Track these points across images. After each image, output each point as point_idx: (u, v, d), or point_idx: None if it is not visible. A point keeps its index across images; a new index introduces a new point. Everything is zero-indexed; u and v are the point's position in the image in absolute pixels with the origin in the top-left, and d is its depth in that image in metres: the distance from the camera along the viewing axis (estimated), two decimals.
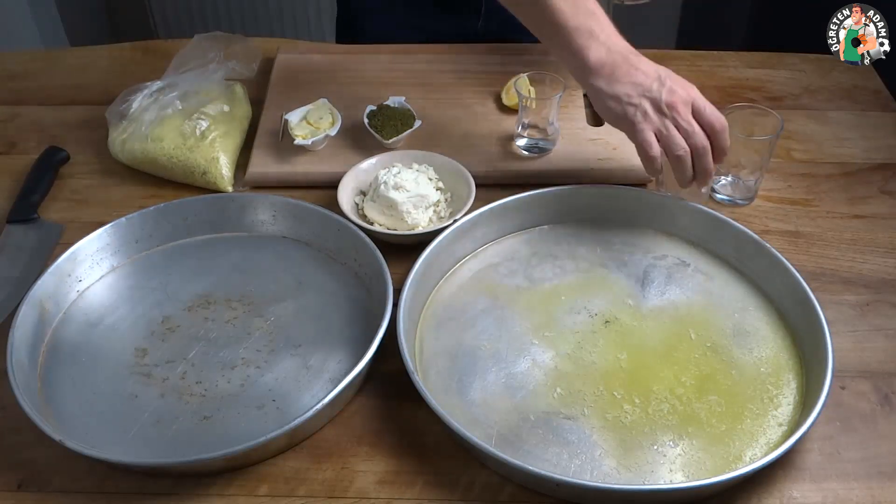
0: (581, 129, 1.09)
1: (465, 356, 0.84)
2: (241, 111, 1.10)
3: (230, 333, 0.86)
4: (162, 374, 0.82)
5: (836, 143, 1.10)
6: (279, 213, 0.96)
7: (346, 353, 0.84)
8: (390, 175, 0.95)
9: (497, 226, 0.95)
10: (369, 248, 0.89)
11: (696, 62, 1.24)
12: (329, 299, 0.89)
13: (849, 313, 0.89)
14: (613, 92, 0.89)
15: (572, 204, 0.97)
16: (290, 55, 1.22)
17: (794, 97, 1.18)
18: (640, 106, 0.88)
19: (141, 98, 1.05)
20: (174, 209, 0.96)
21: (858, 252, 0.95)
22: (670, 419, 0.77)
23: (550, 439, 0.76)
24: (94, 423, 0.78)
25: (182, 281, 0.92)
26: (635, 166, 1.03)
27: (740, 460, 0.75)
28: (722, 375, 0.81)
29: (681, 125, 0.88)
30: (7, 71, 1.25)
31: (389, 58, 1.21)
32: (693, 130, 0.88)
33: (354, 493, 0.74)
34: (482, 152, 1.05)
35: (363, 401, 0.81)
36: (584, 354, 0.83)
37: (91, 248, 0.92)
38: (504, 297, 0.89)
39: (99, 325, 0.87)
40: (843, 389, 0.81)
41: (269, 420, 0.78)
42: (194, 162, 1.02)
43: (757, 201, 1.02)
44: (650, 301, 0.88)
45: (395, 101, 1.07)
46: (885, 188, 1.04)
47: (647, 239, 0.95)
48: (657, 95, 0.88)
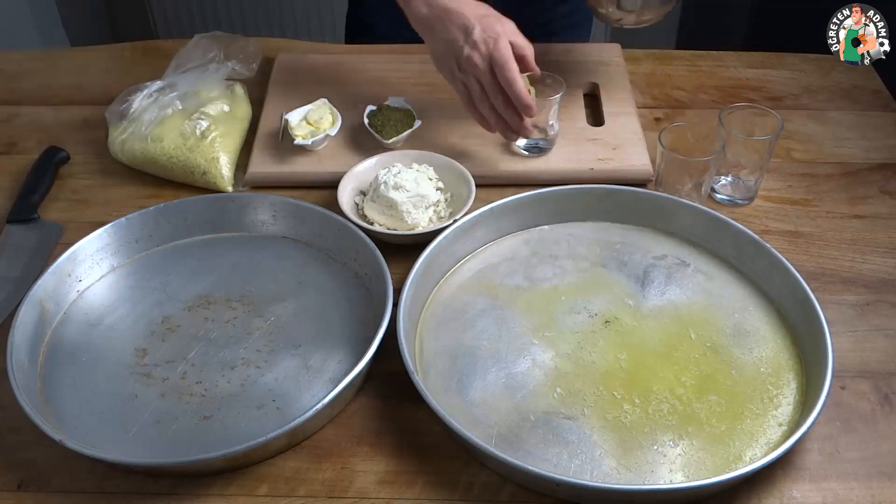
0: (581, 129, 1.09)
1: (465, 356, 0.84)
2: (241, 111, 1.10)
3: (230, 333, 0.86)
4: (162, 374, 0.82)
5: (836, 143, 1.10)
6: (279, 213, 0.96)
7: (346, 353, 0.84)
8: (390, 175, 0.95)
9: (497, 226, 0.95)
10: (369, 248, 0.89)
11: (696, 62, 1.24)
12: (329, 299, 0.89)
13: (849, 313, 0.89)
14: (432, 48, 0.98)
15: (572, 204, 0.97)
16: (290, 55, 1.22)
17: (794, 97, 1.18)
18: (448, 64, 0.96)
19: (141, 98, 1.05)
20: (174, 209, 0.96)
21: (858, 252, 0.95)
22: (670, 419, 0.77)
23: (550, 439, 0.76)
24: (94, 423, 0.78)
25: (182, 281, 0.92)
26: (635, 166, 1.03)
27: (740, 460, 0.75)
28: (722, 375, 0.81)
29: (482, 83, 0.94)
30: (7, 71, 1.25)
31: (390, 58, 1.21)
32: (491, 87, 0.94)
33: (354, 493, 0.74)
34: (482, 152, 1.05)
35: (363, 401, 0.81)
36: (584, 354, 0.83)
37: (91, 248, 0.92)
38: (504, 297, 0.89)
39: (99, 325, 0.87)
40: (843, 389, 0.81)
41: (269, 420, 0.78)
42: (194, 162, 1.02)
43: (757, 201, 1.02)
44: (650, 301, 0.88)
45: (395, 101, 1.07)
46: (885, 188, 1.04)
47: (647, 239, 0.95)
48: (461, 52, 0.94)
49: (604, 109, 1.12)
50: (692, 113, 1.15)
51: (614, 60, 1.20)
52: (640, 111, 1.13)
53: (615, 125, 1.09)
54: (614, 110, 1.11)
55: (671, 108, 1.16)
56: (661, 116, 1.15)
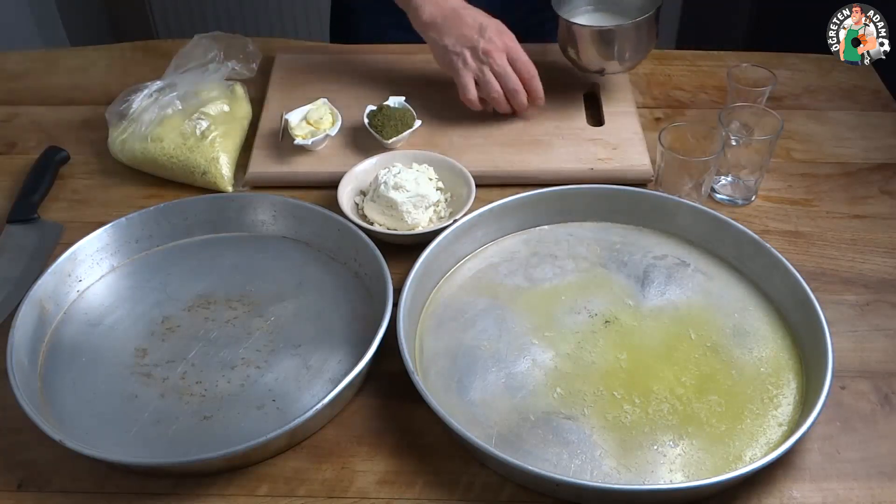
0: (581, 129, 1.09)
1: (465, 356, 0.84)
2: (241, 111, 1.10)
3: (230, 333, 0.86)
4: (162, 374, 0.82)
5: (836, 143, 1.10)
6: (279, 213, 0.96)
7: (346, 353, 0.84)
8: (390, 175, 0.95)
9: (497, 226, 0.95)
10: (369, 248, 0.89)
11: (696, 62, 1.24)
12: (329, 299, 0.89)
13: (849, 313, 0.89)
14: (442, 43, 1.04)
15: (572, 204, 0.97)
16: (290, 55, 1.22)
17: (794, 97, 1.18)
18: (462, 54, 1.03)
19: (141, 98, 1.05)
20: (174, 209, 0.96)
21: (858, 252, 0.95)
22: (670, 419, 0.77)
23: (550, 439, 0.76)
24: (94, 423, 0.78)
25: (182, 281, 0.92)
26: (635, 166, 1.03)
27: (740, 460, 0.75)
28: (722, 375, 0.81)
29: (495, 70, 1.03)
30: (7, 71, 1.25)
31: (389, 58, 1.21)
32: (505, 73, 1.03)
33: (354, 493, 0.74)
34: (482, 152, 1.05)
35: (363, 401, 0.81)
36: (584, 354, 0.83)
37: (91, 248, 0.92)
38: (504, 297, 0.89)
39: (99, 325, 0.87)
40: (843, 389, 0.81)
41: (269, 420, 0.78)
42: (194, 162, 1.02)
43: (757, 201, 1.02)
44: (650, 301, 0.88)
45: (395, 101, 1.07)
46: (885, 188, 1.04)
47: (647, 239, 0.95)
48: (476, 44, 1.03)
49: (604, 109, 1.12)
50: (692, 113, 1.15)
51: None
52: (640, 111, 1.13)
53: (615, 125, 1.09)
54: (614, 110, 1.11)
55: (671, 108, 1.16)
56: (661, 116, 1.15)
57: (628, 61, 1.08)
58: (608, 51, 1.06)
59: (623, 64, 1.08)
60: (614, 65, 1.08)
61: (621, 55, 1.06)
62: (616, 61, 1.07)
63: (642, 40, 1.06)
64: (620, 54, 1.06)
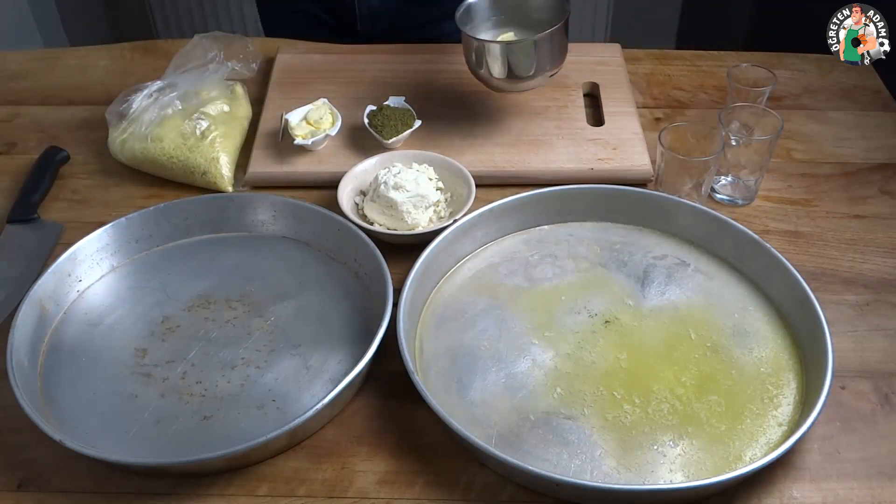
0: (581, 129, 1.09)
1: (465, 356, 0.84)
2: (241, 111, 1.10)
3: (230, 333, 0.86)
4: (162, 374, 0.82)
5: (836, 143, 1.10)
6: (279, 213, 0.96)
7: (346, 353, 0.84)
8: (390, 175, 0.95)
9: (497, 226, 0.95)
10: (369, 248, 0.89)
11: (696, 62, 1.24)
12: (329, 299, 0.89)
13: (849, 313, 0.89)
14: None
15: (572, 204, 0.97)
16: (290, 55, 1.22)
17: (794, 97, 1.18)
18: None
19: (141, 98, 1.05)
20: (174, 209, 0.96)
21: (858, 252, 0.95)
22: (670, 419, 0.77)
23: (550, 439, 0.76)
24: (94, 423, 0.78)
25: (182, 281, 0.92)
26: (635, 166, 1.03)
27: (740, 460, 0.75)
28: (722, 375, 0.81)
29: None
30: (7, 71, 1.25)
31: (389, 58, 1.21)
32: None
33: (354, 493, 0.74)
34: (482, 152, 1.05)
35: (363, 401, 0.81)
36: (584, 354, 0.83)
37: (91, 248, 0.92)
38: (504, 297, 0.89)
39: (99, 325, 0.87)
40: (843, 389, 0.81)
41: (269, 420, 0.78)
42: (194, 162, 1.02)
43: (757, 201, 1.02)
44: (650, 301, 0.88)
45: (395, 101, 1.07)
46: (885, 188, 1.04)
47: (647, 239, 0.95)
48: None
49: (604, 109, 1.12)
50: (692, 113, 1.15)
51: (614, 60, 1.20)
52: (640, 111, 1.13)
53: (615, 125, 1.09)
54: (614, 110, 1.11)
55: (671, 108, 1.16)
56: (661, 116, 1.15)
57: (537, 75, 1.01)
58: (519, 65, 0.99)
59: (534, 80, 1.02)
60: (524, 80, 1.02)
61: (528, 69, 1.00)
62: (524, 76, 1.01)
63: (554, 51, 1.00)
64: (527, 68, 1.00)
